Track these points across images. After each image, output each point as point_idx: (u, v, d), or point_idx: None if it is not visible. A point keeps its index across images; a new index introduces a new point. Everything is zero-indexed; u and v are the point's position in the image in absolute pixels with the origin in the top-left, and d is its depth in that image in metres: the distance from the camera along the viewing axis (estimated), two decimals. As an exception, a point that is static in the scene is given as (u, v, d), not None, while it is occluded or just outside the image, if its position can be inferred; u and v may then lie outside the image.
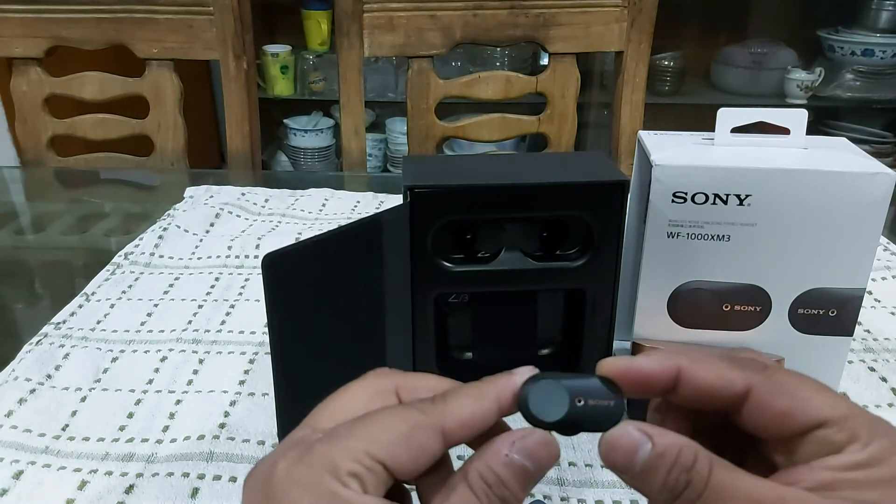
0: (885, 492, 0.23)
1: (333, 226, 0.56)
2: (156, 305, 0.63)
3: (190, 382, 0.53)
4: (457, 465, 0.26)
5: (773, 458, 0.26)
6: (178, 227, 0.77)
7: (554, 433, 0.25)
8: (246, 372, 0.54)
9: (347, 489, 0.23)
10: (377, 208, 0.84)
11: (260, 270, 0.36)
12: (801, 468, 0.24)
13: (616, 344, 0.51)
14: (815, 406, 0.24)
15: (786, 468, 0.25)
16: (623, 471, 0.25)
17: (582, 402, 0.25)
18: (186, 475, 0.44)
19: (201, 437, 0.47)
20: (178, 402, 0.51)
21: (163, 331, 0.59)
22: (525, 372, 0.27)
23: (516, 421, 0.26)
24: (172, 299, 0.64)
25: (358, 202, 0.86)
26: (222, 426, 0.48)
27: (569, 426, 0.25)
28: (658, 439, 0.24)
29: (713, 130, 0.48)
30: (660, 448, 0.24)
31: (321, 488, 0.23)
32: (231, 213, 0.82)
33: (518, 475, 0.25)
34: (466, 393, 0.26)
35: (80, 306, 0.62)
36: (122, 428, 0.48)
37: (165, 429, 0.48)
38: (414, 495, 0.28)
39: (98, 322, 0.60)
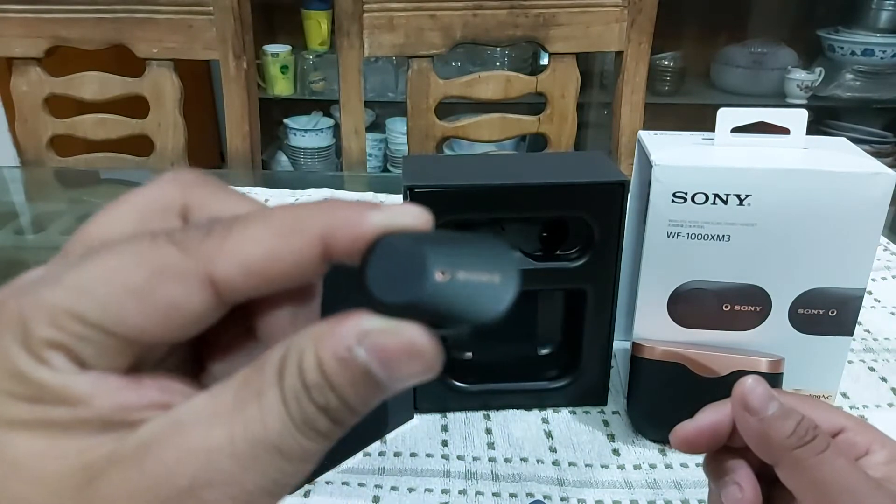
0: None
1: (333, 226, 0.56)
2: (156, 305, 0.63)
3: (190, 382, 0.53)
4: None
5: None
6: (178, 227, 0.77)
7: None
8: (246, 372, 0.54)
9: (41, 365, 0.16)
10: (377, 208, 0.83)
11: (260, 270, 0.36)
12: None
13: (616, 344, 0.51)
14: (835, 415, 0.29)
15: None
16: (755, 412, 0.28)
17: (447, 276, 0.16)
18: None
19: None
20: (178, 402, 0.51)
21: (163, 331, 0.59)
22: (386, 210, 0.17)
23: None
24: (172, 299, 0.64)
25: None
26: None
27: (423, 312, 0.16)
28: (784, 399, 0.29)
29: (713, 130, 0.48)
30: (788, 405, 0.28)
31: (2, 364, 0.16)
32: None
33: (360, 384, 0.16)
34: (268, 222, 0.17)
35: (80, 306, 0.62)
36: (122, 428, 0.48)
37: (165, 429, 0.48)
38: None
39: (98, 322, 0.60)
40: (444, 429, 0.49)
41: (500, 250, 0.17)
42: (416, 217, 0.17)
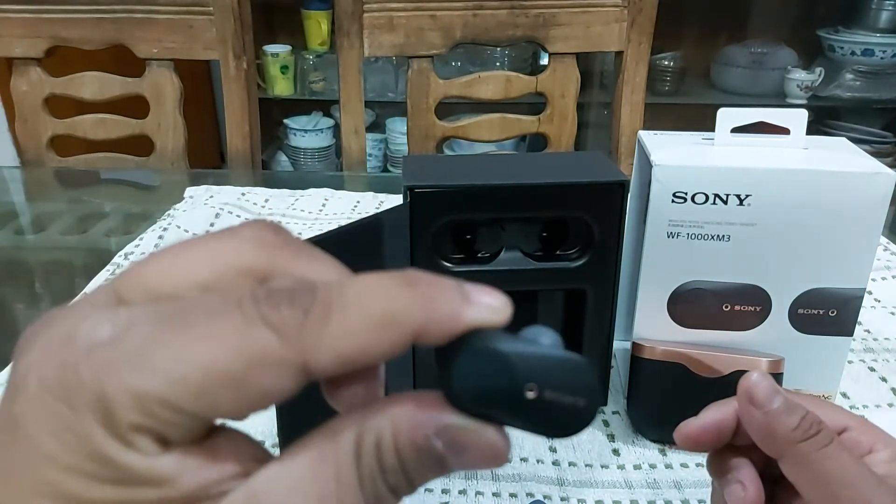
0: None
1: (333, 226, 0.56)
2: (156, 305, 0.63)
3: (190, 382, 0.53)
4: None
5: None
6: (178, 227, 0.77)
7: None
8: (246, 372, 0.54)
9: (128, 449, 0.15)
10: (377, 208, 0.84)
11: (260, 270, 0.36)
12: None
13: (616, 344, 0.51)
14: (839, 414, 0.30)
15: None
16: (760, 405, 0.28)
17: (534, 393, 0.17)
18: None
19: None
20: (178, 402, 0.51)
21: (163, 331, 0.59)
22: (478, 304, 0.17)
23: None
24: (172, 299, 0.64)
25: (358, 202, 0.86)
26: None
27: (504, 419, 0.17)
28: (788, 395, 0.29)
29: (713, 130, 0.48)
30: (792, 400, 0.28)
31: (83, 446, 0.15)
32: (231, 213, 0.82)
33: (429, 467, 0.17)
34: (367, 311, 0.16)
35: (80, 306, 0.62)
36: (122, 428, 0.48)
37: (165, 429, 0.48)
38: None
39: (98, 322, 0.60)
40: (444, 429, 0.49)
41: (584, 373, 0.17)
42: (503, 313, 0.18)
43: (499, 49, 2.03)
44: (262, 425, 0.48)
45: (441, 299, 0.17)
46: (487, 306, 0.17)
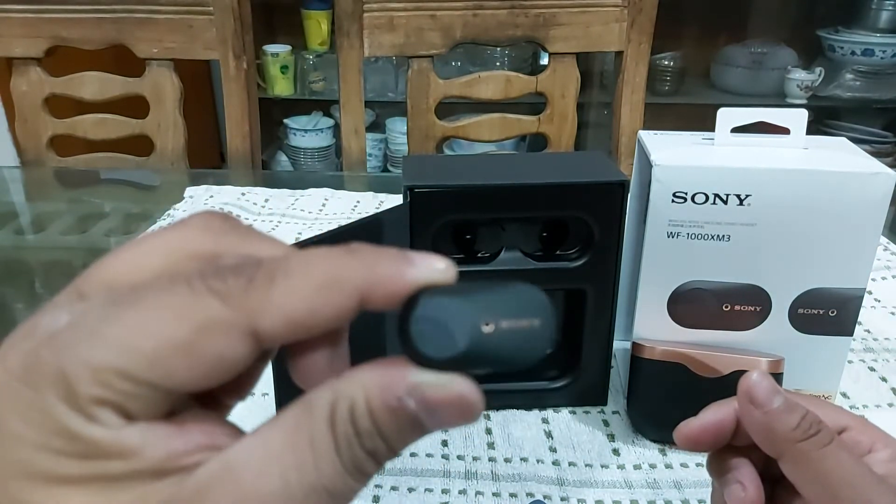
0: None
1: (333, 226, 0.56)
2: (156, 305, 0.63)
3: (190, 382, 0.53)
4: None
5: None
6: (178, 227, 0.77)
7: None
8: (246, 372, 0.54)
9: (91, 423, 0.16)
10: (377, 208, 0.84)
11: (260, 270, 0.36)
12: None
13: (616, 344, 0.51)
14: (837, 414, 0.30)
15: None
16: (760, 405, 0.28)
17: (491, 327, 0.17)
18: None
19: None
20: (178, 402, 0.51)
21: (163, 331, 0.59)
22: (420, 266, 0.18)
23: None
24: (172, 299, 0.64)
25: (358, 202, 0.86)
26: (222, 426, 0.48)
27: (472, 363, 0.17)
28: (788, 395, 0.28)
29: (713, 130, 0.48)
30: (791, 400, 0.28)
31: (48, 423, 0.16)
32: (231, 212, 0.82)
33: (406, 430, 0.17)
34: (310, 274, 0.17)
35: (80, 306, 0.62)
36: (122, 428, 0.48)
37: (165, 429, 0.48)
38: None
39: (98, 322, 0.60)
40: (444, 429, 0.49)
41: (532, 295, 0.18)
42: (447, 273, 0.18)
43: (499, 49, 2.03)
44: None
45: (383, 262, 0.18)
46: (429, 266, 0.18)
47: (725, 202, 0.45)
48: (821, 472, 0.27)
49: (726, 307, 0.48)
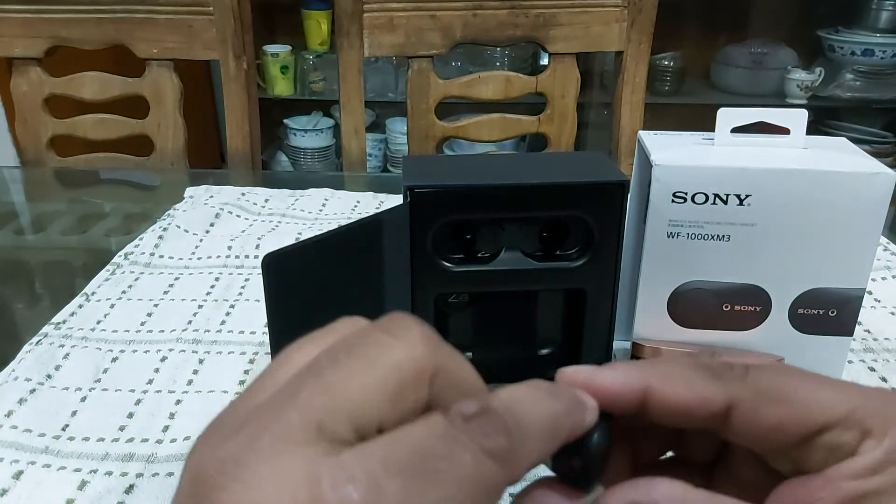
0: None
1: (333, 226, 0.56)
2: (156, 305, 0.63)
3: (190, 382, 0.53)
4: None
5: (777, 465, 0.23)
6: (178, 227, 0.77)
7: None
8: (246, 372, 0.54)
9: None
10: (377, 208, 0.84)
11: (260, 270, 0.36)
12: (815, 480, 0.22)
13: (616, 344, 0.51)
14: (811, 410, 0.21)
15: (797, 477, 0.22)
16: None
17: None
18: (186, 475, 0.44)
19: (201, 437, 0.47)
20: (178, 402, 0.51)
21: (163, 331, 0.59)
22: (591, 410, 0.22)
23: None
24: (172, 299, 0.64)
25: (358, 202, 0.86)
26: (222, 426, 0.48)
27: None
28: None
29: (713, 130, 0.48)
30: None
31: None
32: (231, 213, 0.82)
33: None
34: (538, 421, 0.19)
35: (80, 306, 0.62)
36: (122, 428, 0.48)
37: (165, 429, 0.48)
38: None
39: (98, 322, 0.60)
40: (444, 429, 0.49)
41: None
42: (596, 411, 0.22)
43: (499, 49, 2.03)
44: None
45: (575, 408, 0.21)
46: (593, 408, 0.22)
47: (725, 202, 0.45)
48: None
49: (726, 307, 0.48)
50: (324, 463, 0.16)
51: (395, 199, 0.46)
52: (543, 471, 0.22)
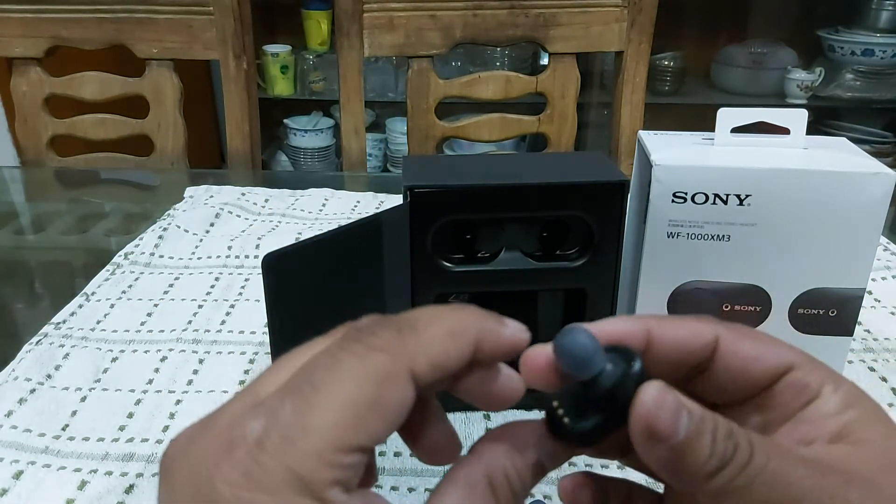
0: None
1: (333, 226, 0.56)
2: (156, 305, 0.63)
3: (190, 382, 0.53)
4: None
5: (750, 422, 0.25)
6: (178, 227, 0.77)
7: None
8: (246, 372, 0.54)
9: None
10: (377, 208, 0.84)
11: (260, 270, 0.36)
12: (802, 425, 0.23)
13: (616, 344, 0.51)
14: (780, 349, 0.24)
15: (770, 431, 0.24)
16: (665, 439, 0.20)
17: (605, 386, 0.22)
18: (186, 475, 0.44)
19: (201, 437, 0.47)
20: (178, 402, 0.51)
21: (163, 331, 0.59)
22: (511, 326, 0.23)
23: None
24: (172, 299, 0.64)
25: (358, 202, 0.86)
26: (222, 426, 0.48)
27: (604, 431, 0.22)
28: (690, 404, 0.21)
29: (713, 130, 0.48)
30: (697, 413, 0.21)
31: None
32: (231, 213, 0.82)
33: (538, 479, 0.23)
34: (442, 323, 0.21)
35: (80, 306, 0.62)
36: (122, 428, 0.48)
37: (165, 429, 0.48)
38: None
39: (98, 322, 0.60)
40: (444, 429, 0.49)
41: (618, 350, 0.23)
42: (526, 334, 0.23)
43: (499, 49, 2.03)
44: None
45: (488, 319, 0.22)
46: (517, 327, 0.23)
47: (725, 202, 0.45)
48: (752, 500, 0.21)
49: (726, 307, 0.48)
50: (238, 413, 0.19)
51: (395, 199, 0.46)
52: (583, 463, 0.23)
